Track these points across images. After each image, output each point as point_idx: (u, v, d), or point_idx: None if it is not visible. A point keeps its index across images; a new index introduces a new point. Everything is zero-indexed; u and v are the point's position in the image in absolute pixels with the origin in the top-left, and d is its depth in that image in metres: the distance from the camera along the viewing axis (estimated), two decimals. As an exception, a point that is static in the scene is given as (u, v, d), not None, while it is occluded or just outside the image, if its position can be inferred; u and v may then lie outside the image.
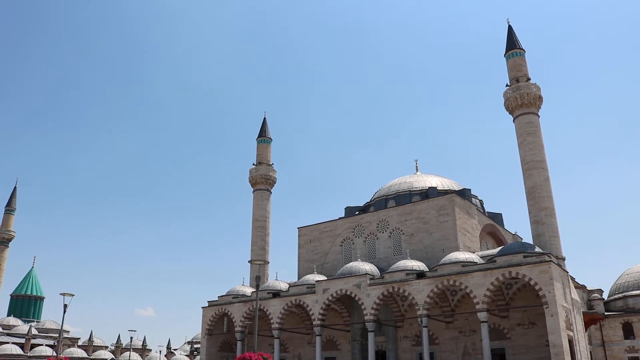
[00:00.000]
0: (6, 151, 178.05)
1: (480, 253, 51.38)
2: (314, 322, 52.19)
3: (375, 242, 58.86)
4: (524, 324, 45.59)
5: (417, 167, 68.04)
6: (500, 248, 50.79)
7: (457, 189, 60.99)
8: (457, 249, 50.35)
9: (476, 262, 45.58)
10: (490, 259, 45.20)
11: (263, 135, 75.61)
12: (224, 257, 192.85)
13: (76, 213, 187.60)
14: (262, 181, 71.76)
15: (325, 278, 54.56)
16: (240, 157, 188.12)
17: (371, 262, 55.49)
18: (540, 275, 40.72)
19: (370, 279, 49.79)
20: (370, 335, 48.40)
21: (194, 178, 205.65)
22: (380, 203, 63.07)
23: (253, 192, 72.23)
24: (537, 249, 44.70)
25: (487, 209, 64.13)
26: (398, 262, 50.79)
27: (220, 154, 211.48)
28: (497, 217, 64.57)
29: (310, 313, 52.64)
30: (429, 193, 58.95)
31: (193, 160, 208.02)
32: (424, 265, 49.82)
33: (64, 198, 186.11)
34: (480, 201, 63.93)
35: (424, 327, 45.16)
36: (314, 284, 53.25)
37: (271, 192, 72.41)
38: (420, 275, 47.10)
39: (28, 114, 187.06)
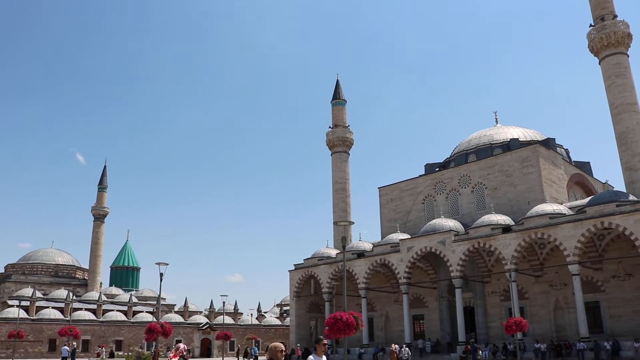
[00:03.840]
0: (95, 130, 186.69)
1: (568, 204, 49.65)
2: (399, 281, 52.45)
3: (458, 198, 58.00)
4: (620, 275, 43.76)
5: (496, 119, 66.00)
6: (590, 198, 48.87)
7: (540, 139, 58.70)
8: (543, 201, 48.77)
9: (565, 214, 44.11)
10: (580, 210, 43.60)
11: (337, 97, 75.34)
12: (308, 221, 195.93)
13: (162, 184, 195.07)
14: (340, 143, 71.81)
15: (409, 236, 54.47)
16: (316, 121, 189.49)
17: (454, 219, 54.84)
18: (635, 224, 38.91)
19: (455, 235, 49.29)
20: (458, 292, 48.18)
21: (274, 144, 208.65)
22: (460, 158, 61.84)
23: (331, 154, 72.51)
24: (631, 197, 42.65)
25: (573, 159, 61.52)
26: (482, 217, 49.93)
27: (296, 120, 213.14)
28: (585, 166, 61.82)
29: (396, 272, 52.89)
30: (511, 145, 57.17)
31: (271, 127, 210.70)
32: (509, 219, 48.73)
33: (149, 171, 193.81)
34: (566, 150, 61.38)
35: (513, 281, 44.42)
36: (398, 243, 53.32)
37: (349, 154, 72.44)
38: (506, 229, 46.12)
39: (98, 92, 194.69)
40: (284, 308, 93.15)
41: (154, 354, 32.21)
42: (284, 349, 8.16)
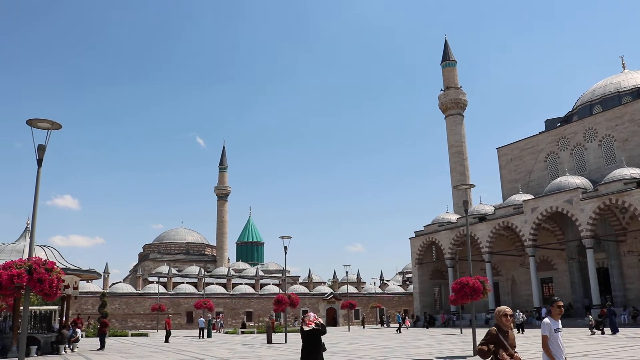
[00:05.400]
0: (210, 113, 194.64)
1: None
2: (525, 243, 50.51)
3: (584, 153, 54.58)
4: None
5: (623, 64, 60.84)
6: None
7: (676, 82, 53.62)
8: (683, 149, 44.68)
9: None
10: None
11: (447, 58, 72.97)
12: (425, 187, 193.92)
13: (279, 159, 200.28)
14: (453, 106, 69.74)
15: (532, 197, 52.20)
16: (427, 85, 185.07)
17: (581, 175, 51.79)
18: None
19: (582, 192, 46.47)
20: (589, 252, 45.53)
21: (386, 112, 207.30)
22: (584, 110, 57.96)
23: (445, 118, 70.67)
24: None
25: None
26: (613, 172, 46.61)
27: (406, 85, 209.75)
28: None
29: (520, 234, 50.95)
30: (642, 91, 52.72)
31: (382, 94, 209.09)
32: (645, 171, 45.14)
33: (265, 147, 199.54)
34: None
35: (652, 238, 41.29)
36: (521, 204, 51.25)
37: (464, 116, 70.23)
38: (641, 183, 42.80)
39: (206, 74, 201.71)
40: (407, 276, 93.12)
41: (271, 324, 33.37)
42: (509, 312, 7.16)
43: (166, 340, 35.43)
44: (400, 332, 44.24)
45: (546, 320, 7.37)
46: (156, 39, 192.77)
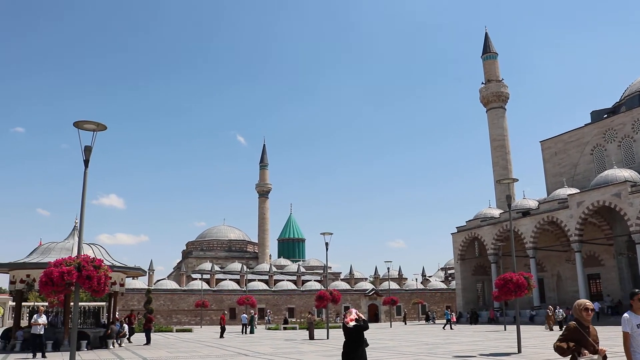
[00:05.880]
0: (249, 110, 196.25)
1: None
2: (570, 239, 49.39)
3: (632, 145, 53.05)
4: None
5: (674, 53, 58.89)
6: None
7: None
8: None
9: None
10: None
11: (487, 51, 71.78)
12: (467, 182, 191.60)
13: (318, 155, 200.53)
14: (495, 99, 68.59)
15: (578, 190, 51.04)
16: (468, 79, 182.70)
17: (630, 168, 50.36)
18: None
19: (632, 186, 45.13)
20: (639, 248, 44.22)
21: (427, 106, 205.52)
22: (633, 100, 56.25)
23: (487, 111, 69.58)
24: None
25: None
26: (663, 164, 45.19)
27: (447, 80, 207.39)
28: None
29: (566, 229, 49.84)
30: (694, 80, 50.95)
31: (423, 88, 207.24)
32: (697, 163, 43.59)
33: (304, 143, 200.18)
34: None
35: None
36: (566, 198, 50.12)
37: (505, 109, 69.02)
38: (693, 175, 41.34)
39: (244, 71, 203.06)
40: (449, 271, 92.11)
41: (312, 320, 33.55)
42: (590, 306, 6.57)
43: (221, 336, 35.71)
44: (452, 329, 43.27)
45: (626, 315, 6.60)
46: (195, 36, 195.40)
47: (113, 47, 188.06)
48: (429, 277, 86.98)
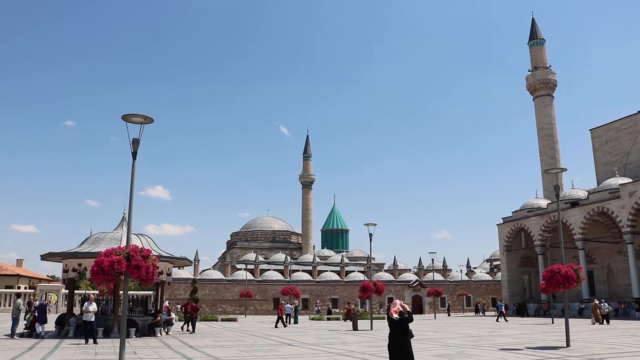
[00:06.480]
0: (293, 101, 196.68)
1: None
2: (622, 230, 48.00)
3: (688, 133, 51.13)
4: None
5: None
6: None
7: None
8: None
9: None
10: None
11: (534, 37, 70.03)
12: (513, 172, 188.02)
13: (362, 146, 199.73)
14: (542, 87, 66.97)
15: (630, 180, 49.50)
16: (513, 67, 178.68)
17: (685, 157, 48.53)
18: None
19: (687, 175, 43.56)
20: (695, 239, 42.73)
21: (471, 96, 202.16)
22: (688, 88, 54.21)
23: (533, 99, 68.02)
24: None
25: None
26: None
27: (492, 68, 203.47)
28: None
29: (617, 220, 48.46)
30: None
31: (466, 78, 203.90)
32: None
33: (348, 133, 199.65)
34: None
35: None
36: (618, 188, 48.70)
37: (553, 97, 67.32)
38: None
39: (286, 62, 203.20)
40: (494, 263, 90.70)
41: (351, 311, 33.54)
42: None
43: (276, 326, 35.88)
44: (506, 321, 42.14)
45: None
46: (240, 27, 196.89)
47: (160, 37, 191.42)
48: (474, 268, 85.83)
